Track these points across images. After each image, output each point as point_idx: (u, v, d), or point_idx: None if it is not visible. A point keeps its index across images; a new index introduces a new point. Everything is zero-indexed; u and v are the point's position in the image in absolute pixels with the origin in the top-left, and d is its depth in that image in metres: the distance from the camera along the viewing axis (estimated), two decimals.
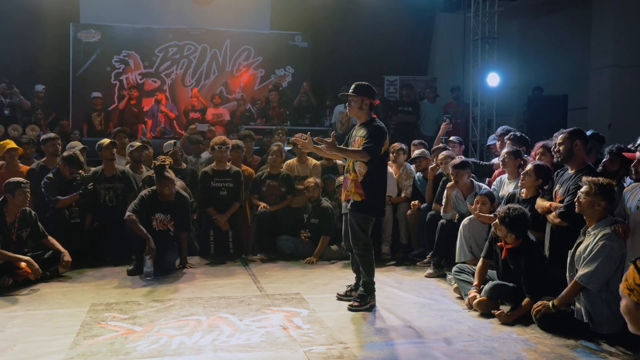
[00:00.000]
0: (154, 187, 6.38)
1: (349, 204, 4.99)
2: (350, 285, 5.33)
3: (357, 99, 5.01)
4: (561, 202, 4.80)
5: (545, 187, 5.24)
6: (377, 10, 12.08)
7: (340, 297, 5.26)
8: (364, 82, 5.10)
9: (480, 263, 5.16)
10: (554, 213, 4.79)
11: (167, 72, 12.87)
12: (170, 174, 6.33)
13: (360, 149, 4.86)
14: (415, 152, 7.49)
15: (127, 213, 6.13)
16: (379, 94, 11.35)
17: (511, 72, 11.78)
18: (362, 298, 4.99)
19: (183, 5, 12.88)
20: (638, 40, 10.98)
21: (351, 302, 4.98)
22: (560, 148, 4.89)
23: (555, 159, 5.24)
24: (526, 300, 4.69)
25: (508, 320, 4.60)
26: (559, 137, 4.95)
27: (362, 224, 4.99)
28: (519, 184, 5.55)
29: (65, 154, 6.76)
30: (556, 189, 4.98)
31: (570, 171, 4.89)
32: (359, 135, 5.00)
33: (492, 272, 5.20)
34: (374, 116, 5.10)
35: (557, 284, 4.61)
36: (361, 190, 4.91)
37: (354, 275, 5.32)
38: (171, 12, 12.81)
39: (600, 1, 11.40)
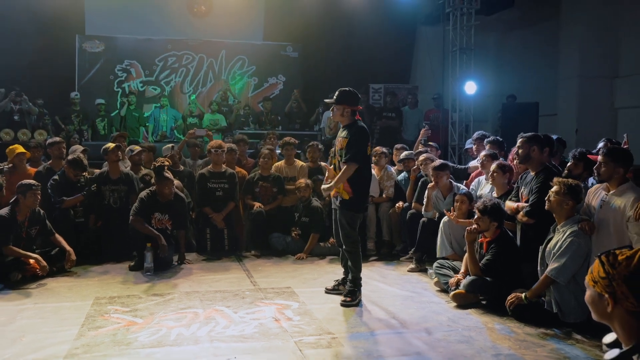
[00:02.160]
0: (152, 188, 6.34)
1: (337, 201, 4.97)
2: (337, 280, 5.32)
3: (338, 107, 4.96)
4: (527, 202, 4.88)
5: (514, 185, 5.33)
6: (363, 23, 12.07)
7: (328, 291, 5.25)
8: (346, 89, 5.01)
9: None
10: (521, 212, 4.86)
11: (167, 80, 12.83)
12: (169, 174, 6.31)
13: (345, 165, 4.80)
14: (403, 154, 7.52)
15: (131, 217, 6.11)
16: (365, 101, 11.37)
17: (487, 81, 11.83)
18: (352, 293, 4.97)
19: (181, 18, 12.85)
20: (602, 52, 11.09)
21: (343, 299, 4.93)
22: (519, 152, 4.99)
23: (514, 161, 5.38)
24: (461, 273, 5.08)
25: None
26: (518, 142, 5.05)
27: (351, 222, 4.97)
28: (490, 184, 5.66)
29: (69, 157, 6.69)
30: (522, 190, 5.06)
31: (532, 173, 4.99)
32: (341, 136, 4.97)
33: None
34: (358, 118, 5.04)
35: (530, 277, 4.68)
36: (349, 187, 4.87)
37: (342, 270, 5.31)
38: (170, 24, 12.76)
39: (568, 17, 11.50)
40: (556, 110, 11.59)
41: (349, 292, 4.99)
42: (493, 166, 5.63)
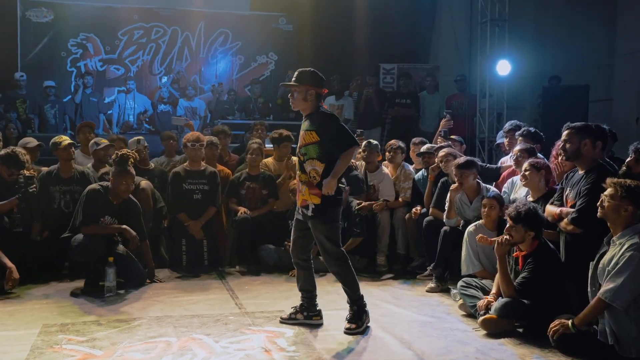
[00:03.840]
0: (104, 184, 6.30)
1: (309, 211, 4.85)
2: (295, 307, 5.20)
3: (300, 88, 4.88)
4: (573, 206, 4.85)
5: (555, 187, 5.31)
6: None
7: (283, 321, 5.11)
8: (308, 69, 4.99)
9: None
10: (565, 220, 4.84)
11: (132, 59, 12.84)
12: (132, 169, 6.27)
13: (342, 156, 4.73)
14: (424, 147, 7.50)
15: (83, 229, 6.03)
16: (375, 84, 11.37)
17: (524, 59, 11.81)
18: (357, 318, 4.92)
19: None
20: None
21: (347, 325, 4.89)
22: (567, 146, 4.95)
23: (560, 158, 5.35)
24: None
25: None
26: (564, 133, 5.01)
27: (331, 236, 4.89)
28: (523, 186, 5.66)
29: (2, 152, 6.55)
30: (567, 193, 5.04)
31: (581, 172, 4.95)
32: (304, 128, 4.89)
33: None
34: (323, 105, 5.00)
35: (577, 300, 4.65)
36: (316, 190, 4.78)
37: (308, 291, 5.20)
38: None
39: None
40: (611, 95, 11.56)
41: (354, 316, 4.94)
42: (525, 164, 5.63)
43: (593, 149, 4.93)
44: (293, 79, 4.94)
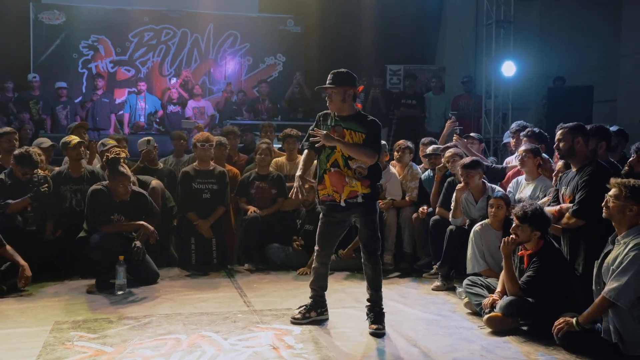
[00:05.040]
0: (105, 183, 6.32)
1: (360, 198, 4.81)
2: (305, 306, 5.16)
3: (338, 90, 4.84)
4: (572, 202, 4.86)
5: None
6: None
7: (295, 321, 5.05)
8: (342, 70, 4.95)
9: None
10: (567, 214, 4.85)
11: (143, 60, 12.86)
12: (126, 169, 6.27)
13: (368, 148, 4.74)
14: (430, 148, 7.50)
15: (102, 229, 6.08)
16: (381, 85, 11.36)
17: (529, 61, 11.79)
18: (381, 319, 4.87)
19: None
20: None
21: (376, 327, 4.80)
22: (561, 145, 4.99)
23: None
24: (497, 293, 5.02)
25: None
26: (557, 133, 5.04)
27: (377, 219, 4.95)
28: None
29: (16, 152, 6.56)
30: (562, 192, 5.05)
31: (574, 169, 5.00)
32: (348, 128, 4.83)
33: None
34: (358, 106, 5.02)
35: (582, 298, 4.65)
36: (367, 181, 4.82)
37: (313, 291, 5.17)
38: None
39: None
40: (615, 96, 11.52)
41: (377, 317, 4.88)
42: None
43: (586, 146, 4.96)
44: (329, 81, 4.88)
